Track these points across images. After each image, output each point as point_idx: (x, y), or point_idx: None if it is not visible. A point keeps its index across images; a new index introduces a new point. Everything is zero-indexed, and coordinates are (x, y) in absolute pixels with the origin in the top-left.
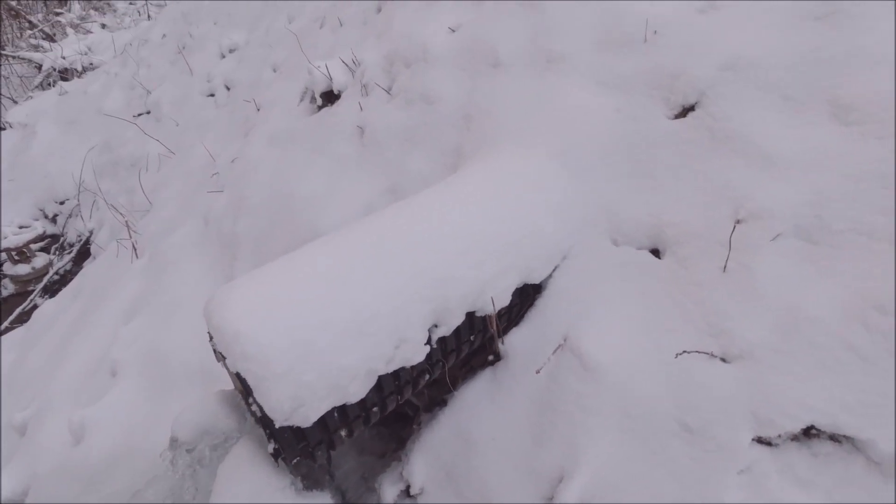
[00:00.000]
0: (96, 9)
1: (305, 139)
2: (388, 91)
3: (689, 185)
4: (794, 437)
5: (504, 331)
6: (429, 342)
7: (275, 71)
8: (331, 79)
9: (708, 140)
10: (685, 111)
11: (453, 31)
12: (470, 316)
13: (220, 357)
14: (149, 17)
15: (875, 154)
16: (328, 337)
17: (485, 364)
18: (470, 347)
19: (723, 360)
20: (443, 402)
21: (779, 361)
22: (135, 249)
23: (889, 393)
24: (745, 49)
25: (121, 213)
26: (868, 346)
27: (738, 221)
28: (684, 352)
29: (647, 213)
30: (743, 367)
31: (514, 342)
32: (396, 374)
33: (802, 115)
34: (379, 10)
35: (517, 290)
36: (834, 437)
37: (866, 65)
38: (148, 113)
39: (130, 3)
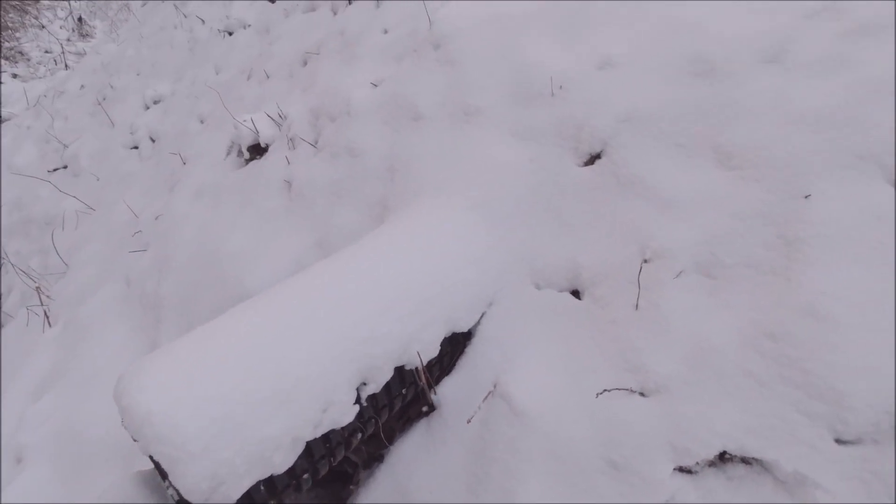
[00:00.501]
0: (7, 58)
1: (233, 193)
2: (314, 145)
3: (600, 228)
4: (711, 463)
5: (437, 380)
6: (358, 401)
7: (202, 122)
8: (257, 132)
9: (614, 185)
10: (592, 159)
11: (375, 85)
12: (399, 370)
13: (135, 439)
14: (66, 66)
15: (754, 195)
16: (249, 408)
17: (420, 415)
18: (403, 401)
19: (641, 394)
20: (381, 458)
21: (689, 392)
22: (47, 317)
23: (784, 414)
24: (640, 102)
25: (31, 278)
26: (763, 371)
27: (645, 261)
28: (605, 390)
29: (564, 256)
30: (659, 400)
31: (447, 391)
32: (326, 437)
33: (693, 161)
34: (304, 64)
35: (446, 339)
36: (745, 460)
37: (740, 116)
38: (65, 168)
39: (46, 52)
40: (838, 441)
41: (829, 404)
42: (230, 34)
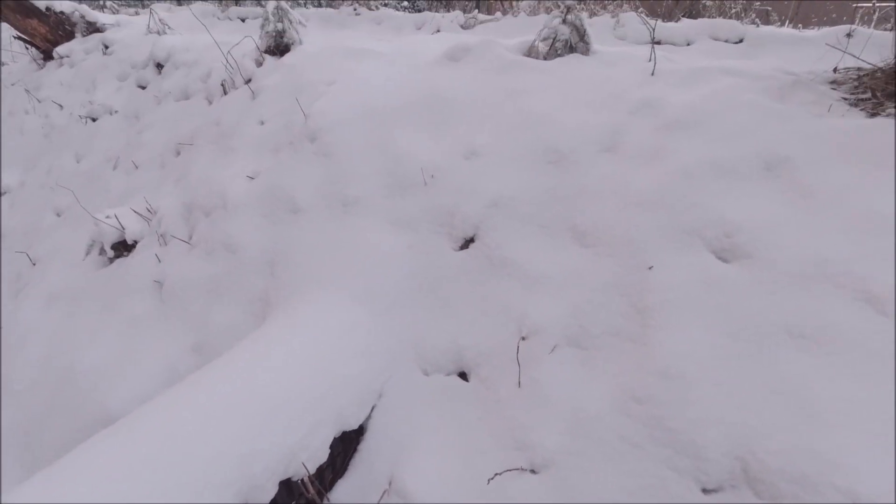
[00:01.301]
0: None
1: (93, 298)
2: (187, 241)
3: (478, 309)
4: None
5: (330, 484)
6: None
7: (58, 216)
8: (123, 228)
9: (488, 267)
10: (467, 243)
11: (252, 178)
12: (287, 482)
13: None
14: None
15: (608, 269)
16: None
17: None
18: None
19: (532, 471)
20: None
21: (574, 462)
22: None
23: (657, 472)
24: (504, 189)
25: None
26: (634, 433)
27: (522, 338)
28: (496, 474)
29: (448, 339)
30: (549, 475)
31: (342, 496)
32: None
33: (555, 240)
34: (178, 154)
35: (337, 438)
36: None
37: (589, 198)
38: None
39: None
40: (704, 491)
41: (692, 458)
42: (94, 120)
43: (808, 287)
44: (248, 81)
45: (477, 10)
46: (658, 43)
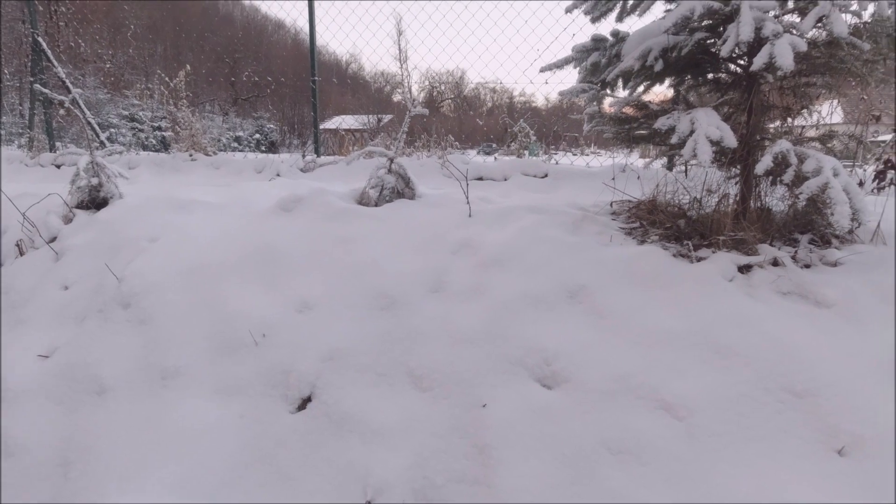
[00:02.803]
0: None
1: None
2: None
3: (320, 475)
4: None
5: None
6: None
7: None
8: None
9: (328, 426)
10: (304, 403)
11: (46, 356)
12: None
13: None
14: None
15: (446, 411)
16: None
17: None
18: None
19: None
20: None
21: None
22: None
23: None
24: (339, 340)
25: None
26: None
27: (368, 502)
28: None
29: None
30: None
31: None
32: None
33: (393, 388)
34: None
35: None
36: None
37: (421, 340)
38: None
39: None
40: None
41: None
42: None
43: (616, 402)
44: (51, 240)
45: (316, 154)
46: (480, 179)
